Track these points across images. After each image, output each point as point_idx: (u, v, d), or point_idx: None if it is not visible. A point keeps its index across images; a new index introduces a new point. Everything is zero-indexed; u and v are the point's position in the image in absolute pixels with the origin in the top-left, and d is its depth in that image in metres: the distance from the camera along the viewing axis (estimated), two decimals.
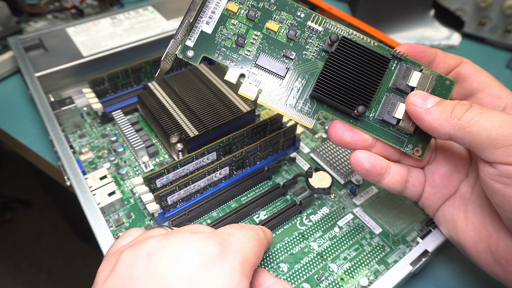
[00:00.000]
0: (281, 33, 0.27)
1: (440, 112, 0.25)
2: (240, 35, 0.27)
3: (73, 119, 0.42)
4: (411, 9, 0.57)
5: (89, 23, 0.52)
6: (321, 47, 0.27)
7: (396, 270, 0.29)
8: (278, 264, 0.32)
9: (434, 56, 0.29)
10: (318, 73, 0.27)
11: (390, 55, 0.27)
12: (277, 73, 0.27)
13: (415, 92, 0.26)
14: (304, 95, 0.27)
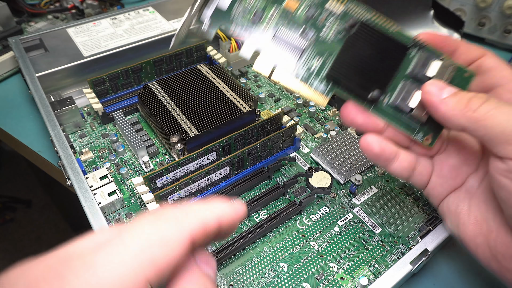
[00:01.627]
0: (299, 12, 0.26)
1: (455, 103, 0.24)
2: (257, 11, 0.26)
3: (74, 119, 0.42)
4: (411, 9, 0.57)
5: (90, 23, 0.52)
6: (339, 29, 0.27)
7: (396, 269, 0.29)
8: (278, 263, 0.32)
9: (456, 47, 0.28)
10: (336, 54, 0.27)
11: (410, 42, 0.26)
12: (293, 50, 0.27)
13: (432, 81, 0.26)
14: (320, 73, 0.27)
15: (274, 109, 0.47)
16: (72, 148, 0.40)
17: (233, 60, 0.51)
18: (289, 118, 0.41)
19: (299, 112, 0.46)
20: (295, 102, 0.47)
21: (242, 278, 0.31)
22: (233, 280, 0.31)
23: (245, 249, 0.33)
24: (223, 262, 0.32)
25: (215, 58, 0.50)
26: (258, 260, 0.32)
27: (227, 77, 0.45)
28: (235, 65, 0.51)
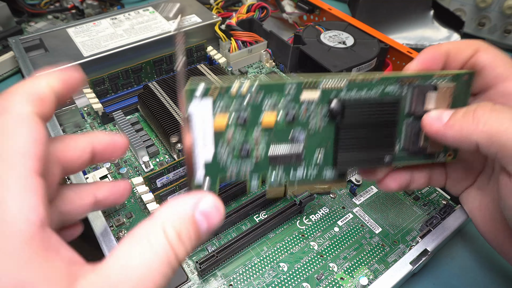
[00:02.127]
0: (279, 122, 0.23)
1: (461, 122, 0.22)
2: (241, 145, 0.23)
3: (74, 119, 0.42)
4: (411, 10, 0.57)
5: (90, 23, 0.52)
6: (325, 112, 0.23)
7: (396, 269, 0.29)
8: (278, 263, 0.32)
9: (447, 53, 0.26)
10: (333, 138, 0.24)
11: (397, 85, 0.24)
12: (293, 159, 0.24)
13: (427, 114, 0.24)
14: (327, 163, 0.25)
15: None
16: None
17: (233, 60, 0.51)
18: None
19: None
20: None
21: (242, 278, 0.31)
22: (233, 280, 0.31)
23: (245, 249, 0.33)
24: (223, 262, 0.32)
25: (215, 58, 0.50)
26: (258, 260, 0.32)
27: (227, 77, 0.45)
28: (235, 65, 0.51)
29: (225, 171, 0.23)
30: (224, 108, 0.21)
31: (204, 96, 0.21)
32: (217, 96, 0.21)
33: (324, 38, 0.49)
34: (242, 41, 0.52)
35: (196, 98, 0.21)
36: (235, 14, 0.55)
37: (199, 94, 0.21)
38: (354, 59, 0.46)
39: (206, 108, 0.21)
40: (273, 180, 0.24)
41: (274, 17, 0.65)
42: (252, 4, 0.55)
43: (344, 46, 0.48)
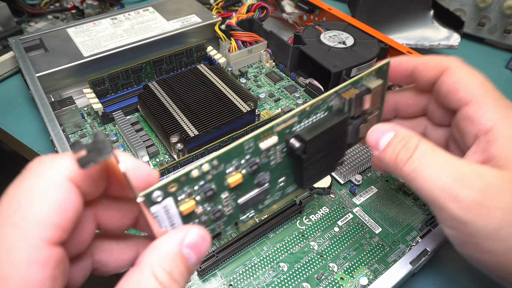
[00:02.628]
0: (245, 177, 0.23)
1: (390, 156, 0.23)
2: (212, 210, 0.22)
3: (74, 119, 0.42)
4: (411, 10, 0.57)
5: (90, 23, 0.52)
6: (282, 149, 0.24)
7: (395, 269, 0.29)
8: (278, 263, 0.32)
9: (413, 67, 0.26)
10: (291, 165, 0.25)
11: (337, 98, 0.25)
12: (261, 196, 0.25)
13: (369, 133, 0.25)
14: (289, 183, 0.26)
15: (274, 109, 0.47)
16: None
17: (233, 60, 0.51)
18: None
19: None
20: (295, 102, 0.47)
21: (242, 278, 0.31)
22: (233, 280, 0.31)
23: (245, 249, 0.33)
24: (223, 262, 0.32)
25: (215, 58, 0.50)
26: (258, 260, 0.32)
27: (227, 77, 0.45)
28: (235, 65, 0.52)
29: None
30: (188, 194, 0.21)
31: (164, 197, 0.19)
32: (177, 189, 0.20)
33: (324, 38, 0.49)
34: (242, 41, 0.52)
35: (156, 203, 0.19)
36: (235, 14, 0.55)
37: (158, 198, 0.19)
38: (354, 59, 0.46)
39: (169, 204, 0.20)
40: (245, 219, 0.25)
41: (274, 17, 0.65)
42: (252, 4, 0.55)
43: (344, 46, 0.48)
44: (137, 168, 0.18)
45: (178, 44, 0.51)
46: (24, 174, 0.17)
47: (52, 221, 0.16)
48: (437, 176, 0.21)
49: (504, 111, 0.23)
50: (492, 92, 0.24)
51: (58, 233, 0.17)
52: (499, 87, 0.25)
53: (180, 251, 0.18)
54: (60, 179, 0.17)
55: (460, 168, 0.21)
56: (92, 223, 0.20)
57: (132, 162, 0.19)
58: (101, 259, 0.22)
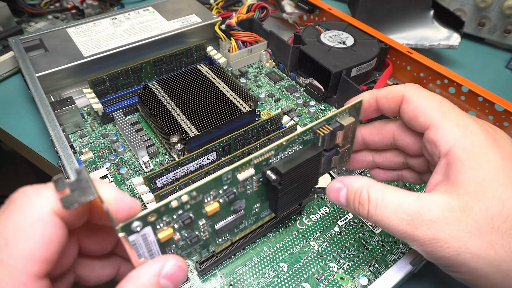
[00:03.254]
0: (222, 205, 0.24)
1: (354, 211, 0.25)
2: (190, 236, 0.23)
3: (74, 119, 0.42)
4: (411, 10, 0.57)
5: (90, 23, 0.52)
6: (258, 179, 0.25)
7: (396, 269, 0.29)
8: (278, 263, 0.32)
9: (375, 101, 0.28)
10: (266, 192, 0.27)
11: (311, 133, 0.26)
12: (237, 222, 0.26)
13: (327, 193, 0.27)
14: (263, 208, 0.28)
15: (274, 109, 0.47)
16: (72, 148, 0.40)
17: (233, 60, 0.51)
18: (289, 118, 0.41)
19: (299, 112, 0.46)
20: (295, 102, 0.47)
21: (242, 278, 0.31)
22: (233, 280, 0.31)
23: (245, 249, 0.33)
24: (223, 262, 0.32)
25: (215, 58, 0.50)
26: (258, 260, 0.32)
27: (227, 77, 0.45)
28: (235, 65, 0.51)
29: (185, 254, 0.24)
30: (166, 223, 0.21)
31: (143, 227, 0.20)
32: (156, 219, 0.20)
33: (324, 38, 0.49)
34: (242, 41, 0.52)
35: (135, 232, 0.20)
36: (235, 14, 0.55)
37: (138, 228, 0.20)
38: (354, 59, 0.46)
39: (148, 232, 0.20)
40: (221, 242, 0.26)
41: (274, 17, 0.65)
42: (252, 4, 0.55)
43: (344, 46, 0.48)
44: (119, 201, 0.19)
45: (178, 44, 0.51)
46: (9, 207, 0.18)
47: (38, 255, 0.17)
48: (394, 224, 0.23)
49: (462, 131, 0.23)
50: (449, 112, 0.24)
51: (44, 267, 0.17)
52: (499, 87, 0.25)
53: (157, 281, 0.19)
54: (45, 214, 0.17)
55: (409, 210, 0.23)
56: (75, 247, 0.21)
57: (114, 195, 0.19)
58: (83, 274, 0.22)
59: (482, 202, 0.22)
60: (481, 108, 0.42)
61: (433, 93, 0.26)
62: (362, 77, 0.48)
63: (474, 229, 0.21)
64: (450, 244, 0.22)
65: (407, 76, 0.49)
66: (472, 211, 0.22)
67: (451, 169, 0.23)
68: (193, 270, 0.31)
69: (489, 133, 0.24)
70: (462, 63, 0.59)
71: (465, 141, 0.23)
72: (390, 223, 0.23)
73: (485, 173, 0.22)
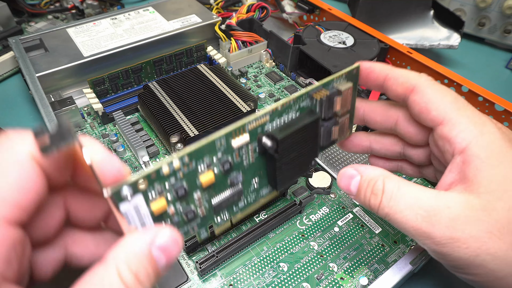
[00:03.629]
0: (217, 176, 0.23)
1: (363, 202, 0.24)
2: (186, 211, 0.22)
3: (74, 119, 0.42)
4: (411, 10, 0.57)
5: (90, 23, 0.52)
6: (254, 148, 0.24)
7: (396, 269, 0.29)
8: (278, 263, 0.32)
9: (384, 78, 0.26)
10: (265, 165, 0.25)
11: (308, 99, 0.25)
12: (235, 197, 0.25)
13: (338, 179, 0.26)
14: (263, 184, 0.26)
15: None
16: None
17: (233, 60, 0.51)
18: None
19: None
20: None
21: (242, 278, 0.31)
22: (233, 280, 0.31)
23: (245, 249, 0.33)
24: (223, 262, 0.32)
25: (215, 58, 0.50)
26: (258, 260, 0.32)
27: (227, 77, 0.45)
28: (235, 65, 0.52)
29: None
30: (159, 192, 0.20)
31: (134, 194, 0.19)
32: (147, 186, 0.19)
33: (324, 38, 0.49)
34: (242, 41, 0.52)
35: (125, 200, 0.18)
36: (235, 14, 0.55)
37: (127, 195, 0.18)
38: (354, 59, 0.46)
39: (139, 202, 0.19)
40: (220, 221, 0.25)
41: (274, 17, 0.65)
42: (252, 4, 0.55)
43: (344, 46, 0.48)
44: (105, 161, 0.18)
45: (178, 44, 0.51)
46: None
47: (12, 199, 0.16)
48: (408, 218, 0.22)
49: (478, 128, 0.22)
50: (464, 109, 0.23)
51: (17, 212, 0.16)
52: (499, 87, 0.25)
53: (150, 251, 0.18)
54: (24, 157, 0.17)
55: (427, 205, 0.21)
56: (61, 210, 0.20)
57: (101, 155, 0.18)
58: (75, 251, 0.21)
59: (504, 201, 0.21)
60: (481, 108, 0.42)
61: (447, 88, 0.25)
62: None
63: (495, 229, 0.20)
64: (469, 244, 0.21)
65: None
66: (494, 211, 0.21)
67: (468, 168, 0.22)
68: (193, 270, 0.31)
69: (504, 132, 0.23)
70: (462, 63, 0.59)
71: (483, 138, 0.22)
72: (404, 217, 0.22)
73: (507, 171, 0.21)
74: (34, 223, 0.18)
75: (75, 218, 0.21)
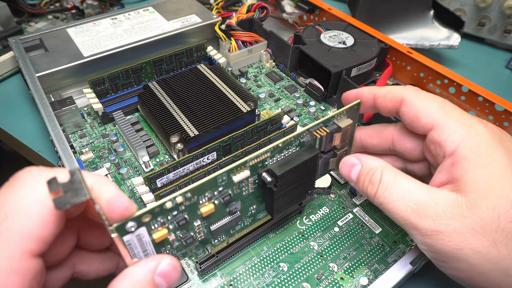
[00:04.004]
0: (217, 207, 0.24)
1: (361, 189, 0.26)
2: (186, 237, 0.23)
3: (74, 119, 0.42)
4: (411, 10, 0.57)
5: (90, 23, 0.52)
6: (253, 181, 0.25)
7: (396, 269, 0.29)
8: (278, 263, 0.32)
9: (373, 99, 0.28)
10: (262, 194, 0.27)
11: (308, 135, 0.26)
12: (233, 223, 0.26)
13: (340, 167, 0.27)
14: (259, 210, 0.28)
15: (274, 109, 0.47)
16: (72, 148, 0.40)
17: (233, 60, 0.51)
18: (289, 118, 0.41)
19: (299, 112, 0.46)
20: (295, 102, 0.47)
21: (242, 278, 0.31)
22: (233, 280, 0.31)
23: (245, 249, 0.33)
24: (223, 262, 0.32)
25: (215, 58, 0.50)
26: (258, 260, 0.32)
27: (227, 77, 0.45)
28: (235, 65, 0.51)
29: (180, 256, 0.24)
30: (161, 223, 0.21)
31: (138, 227, 0.20)
32: (150, 219, 0.21)
33: (324, 38, 0.49)
34: (242, 41, 0.52)
35: (129, 233, 0.20)
36: (235, 14, 0.55)
37: (132, 228, 0.20)
38: (354, 59, 0.46)
39: (142, 233, 0.21)
40: (217, 243, 0.26)
41: (274, 17, 0.65)
42: (252, 4, 0.55)
43: (344, 46, 0.48)
44: (116, 200, 0.19)
45: (178, 44, 0.51)
46: (13, 183, 0.18)
47: (35, 233, 0.17)
48: (398, 209, 0.23)
49: (466, 131, 0.23)
50: (452, 112, 0.25)
51: (40, 246, 0.18)
52: (499, 87, 0.25)
53: (152, 278, 0.20)
54: (45, 195, 0.18)
55: (417, 199, 0.23)
56: (73, 237, 0.22)
57: (112, 194, 0.19)
58: (82, 269, 0.23)
59: (489, 200, 0.22)
60: (481, 108, 0.42)
61: (433, 95, 0.26)
62: (362, 77, 0.48)
63: (479, 226, 0.21)
64: (452, 238, 0.22)
65: (407, 76, 0.49)
66: (478, 209, 0.22)
67: (456, 168, 0.23)
68: (193, 270, 0.31)
69: (495, 132, 0.24)
70: (462, 63, 0.59)
71: (471, 140, 0.23)
72: (395, 208, 0.23)
73: (493, 171, 0.22)
74: (51, 251, 0.20)
75: (84, 243, 0.23)
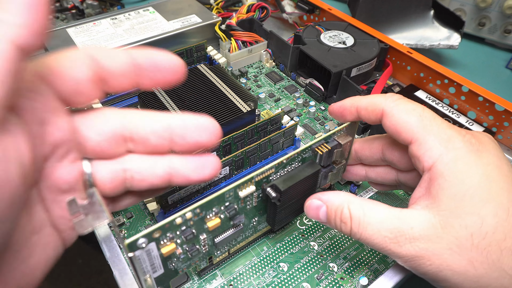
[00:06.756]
0: (223, 220, 0.25)
1: (335, 227, 0.25)
2: (191, 250, 0.24)
3: None
4: (411, 10, 0.57)
5: (90, 23, 0.52)
6: (258, 195, 0.26)
7: (396, 269, 0.29)
8: (278, 263, 0.32)
9: (356, 111, 0.27)
10: (265, 207, 0.28)
11: (310, 151, 0.27)
12: (236, 235, 0.27)
13: (306, 211, 0.27)
14: (261, 221, 0.29)
15: (274, 109, 0.47)
16: None
17: (233, 60, 0.51)
18: (289, 118, 0.41)
19: (299, 112, 0.46)
20: (295, 102, 0.47)
21: (242, 278, 0.31)
22: (233, 280, 0.31)
23: (245, 249, 0.33)
24: (223, 262, 0.32)
25: (215, 58, 0.50)
26: (258, 260, 0.32)
27: (227, 77, 0.45)
28: (235, 65, 0.51)
29: (177, 272, 0.25)
30: (169, 239, 0.22)
31: (148, 243, 0.21)
32: (160, 235, 0.22)
33: (324, 38, 0.49)
34: (242, 41, 0.52)
35: (140, 248, 0.21)
36: (235, 14, 0.55)
37: (143, 244, 0.21)
38: (354, 59, 0.46)
39: (152, 248, 0.22)
40: (219, 254, 0.28)
41: (274, 17, 0.65)
42: (252, 4, 0.55)
43: (344, 46, 0.48)
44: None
45: (178, 44, 0.51)
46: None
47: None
48: (377, 242, 0.23)
49: (444, 145, 0.23)
50: (430, 126, 0.24)
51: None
52: (499, 87, 0.25)
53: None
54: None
55: (391, 227, 0.23)
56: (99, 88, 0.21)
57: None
58: (133, 167, 0.21)
59: (461, 218, 0.22)
60: (481, 108, 0.42)
61: (413, 105, 0.25)
62: (362, 77, 0.48)
63: (455, 246, 0.22)
64: (432, 261, 0.22)
65: (407, 76, 0.49)
66: (452, 228, 0.22)
67: (433, 185, 0.23)
68: (193, 270, 0.31)
69: (472, 144, 0.23)
70: (462, 63, 0.59)
71: (448, 155, 0.23)
72: (374, 241, 0.23)
73: (466, 189, 0.22)
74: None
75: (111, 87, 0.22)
